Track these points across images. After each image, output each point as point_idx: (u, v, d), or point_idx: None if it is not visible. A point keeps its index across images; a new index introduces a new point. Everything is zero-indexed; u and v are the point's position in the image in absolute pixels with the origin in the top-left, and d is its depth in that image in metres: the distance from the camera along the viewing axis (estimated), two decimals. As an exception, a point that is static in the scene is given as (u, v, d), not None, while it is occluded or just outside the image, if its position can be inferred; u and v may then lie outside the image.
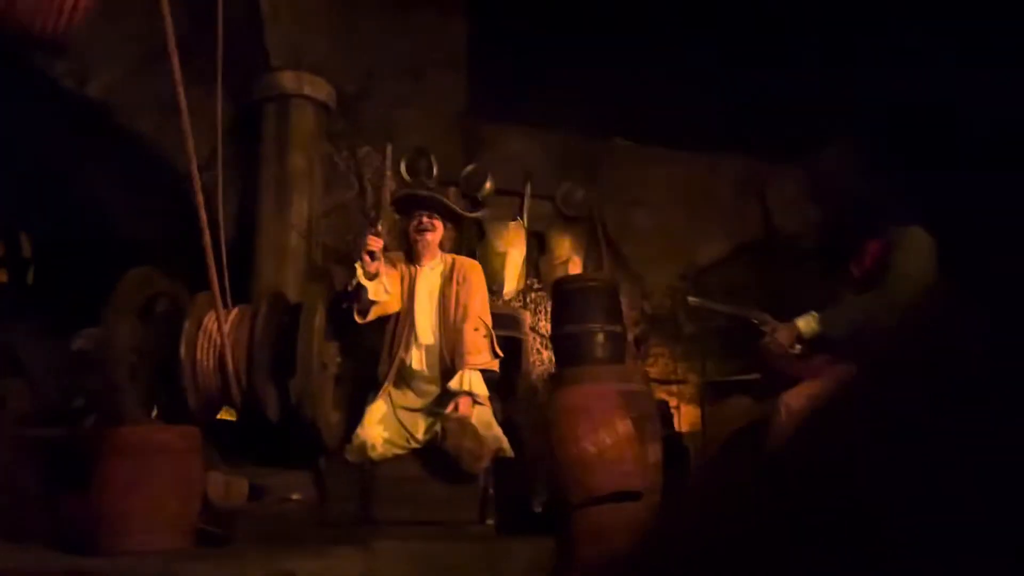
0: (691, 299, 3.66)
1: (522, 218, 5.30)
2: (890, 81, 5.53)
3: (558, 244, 5.44)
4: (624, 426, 3.03)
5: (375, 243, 3.42)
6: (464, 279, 3.63)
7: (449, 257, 3.74)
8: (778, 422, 2.73)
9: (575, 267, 5.37)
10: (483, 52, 5.54)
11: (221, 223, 3.68)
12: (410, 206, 3.73)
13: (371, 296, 3.48)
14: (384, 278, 3.51)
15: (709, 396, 5.97)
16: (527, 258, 5.29)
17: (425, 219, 3.71)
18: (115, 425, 3.19)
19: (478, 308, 3.59)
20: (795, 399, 2.75)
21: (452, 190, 4.58)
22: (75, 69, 4.36)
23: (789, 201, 5.80)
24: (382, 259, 3.49)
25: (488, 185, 5.21)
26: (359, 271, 3.45)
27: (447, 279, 3.66)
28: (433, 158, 5.04)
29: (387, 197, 4.40)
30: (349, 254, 4.89)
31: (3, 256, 7.40)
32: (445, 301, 3.63)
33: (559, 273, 5.34)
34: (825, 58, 5.79)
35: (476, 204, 5.18)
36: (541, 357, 5.20)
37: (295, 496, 3.37)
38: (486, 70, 5.53)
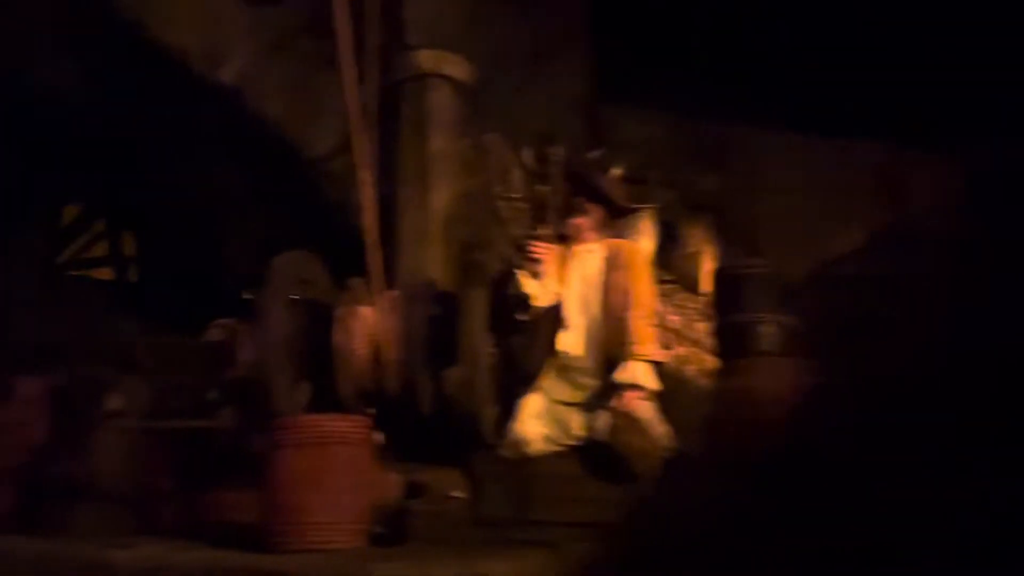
0: None
1: (650, 206, 5.06)
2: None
3: (688, 234, 5.19)
4: (829, 422, 2.78)
5: (541, 251, 3.27)
6: (628, 265, 3.42)
7: (612, 242, 3.53)
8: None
9: (707, 258, 5.11)
10: (606, 34, 5.34)
11: (371, 208, 3.52)
12: (574, 185, 3.55)
13: (535, 303, 3.32)
14: (547, 279, 3.35)
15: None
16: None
17: (580, 201, 3.52)
18: (270, 417, 3.05)
19: (644, 295, 3.37)
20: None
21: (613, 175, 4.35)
22: (209, 52, 4.26)
23: (931, 191, 5.47)
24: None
25: (615, 171, 4.99)
26: (524, 279, 3.29)
27: (610, 265, 3.44)
28: (560, 145, 4.83)
29: (551, 196, 4.20)
30: (473, 244, 4.72)
31: (107, 255, 7.44)
32: (607, 288, 3.41)
33: (690, 265, 5.10)
34: (965, 42, 5.46)
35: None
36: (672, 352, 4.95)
37: (456, 494, 3.18)
38: (609, 52, 5.32)
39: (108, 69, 4.63)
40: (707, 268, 5.15)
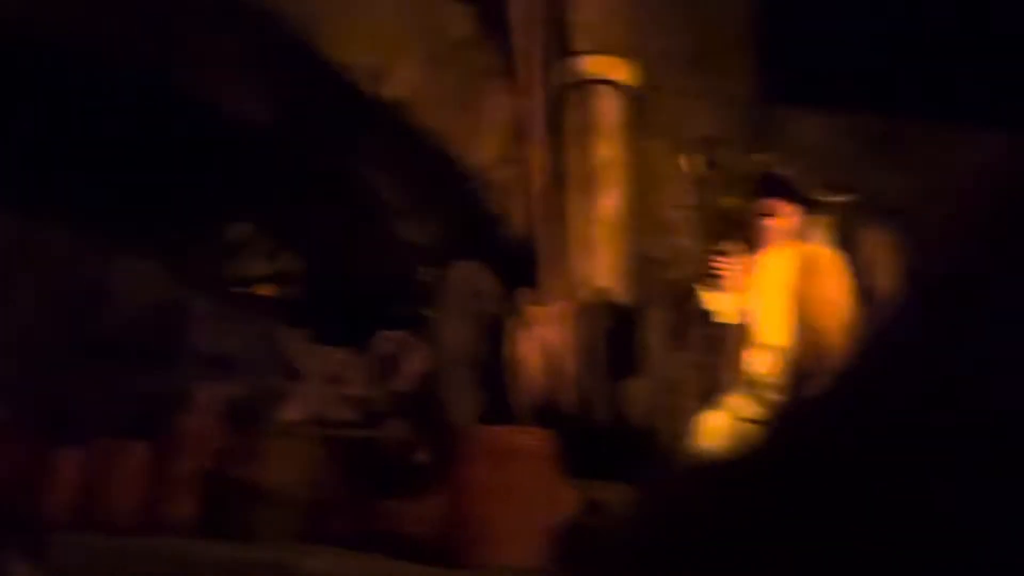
0: None
1: (825, 213, 4.73)
2: None
3: (864, 242, 4.82)
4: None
5: (727, 268, 3.08)
6: (824, 271, 3.16)
7: (806, 247, 3.29)
8: None
9: (886, 269, 4.72)
10: (773, 30, 5.05)
11: (542, 217, 3.42)
12: (762, 187, 3.33)
13: (720, 318, 3.13)
14: (732, 293, 3.15)
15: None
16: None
17: (770, 203, 3.30)
18: (442, 428, 3.00)
19: (842, 304, 3.10)
20: None
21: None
22: (375, 68, 4.32)
23: None
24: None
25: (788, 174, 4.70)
26: (707, 293, 3.11)
27: (804, 272, 3.20)
28: (729, 150, 4.60)
29: (735, 205, 4.01)
30: (653, 256, 4.55)
31: (274, 270, 7.75)
32: (801, 297, 3.16)
33: (867, 274, 4.74)
34: None
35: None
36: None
37: (636, 513, 3.00)
38: (777, 50, 5.03)
39: (275, 87, 4.79)
40: (889, 278, 4.77)
